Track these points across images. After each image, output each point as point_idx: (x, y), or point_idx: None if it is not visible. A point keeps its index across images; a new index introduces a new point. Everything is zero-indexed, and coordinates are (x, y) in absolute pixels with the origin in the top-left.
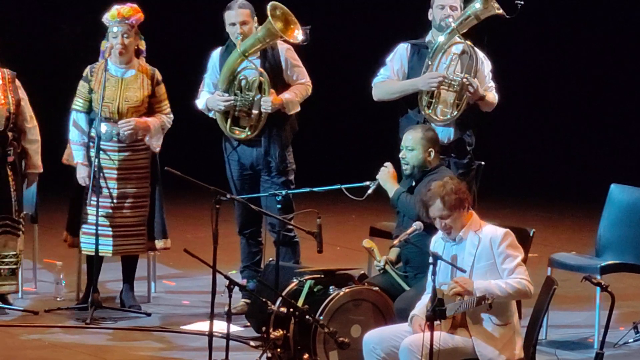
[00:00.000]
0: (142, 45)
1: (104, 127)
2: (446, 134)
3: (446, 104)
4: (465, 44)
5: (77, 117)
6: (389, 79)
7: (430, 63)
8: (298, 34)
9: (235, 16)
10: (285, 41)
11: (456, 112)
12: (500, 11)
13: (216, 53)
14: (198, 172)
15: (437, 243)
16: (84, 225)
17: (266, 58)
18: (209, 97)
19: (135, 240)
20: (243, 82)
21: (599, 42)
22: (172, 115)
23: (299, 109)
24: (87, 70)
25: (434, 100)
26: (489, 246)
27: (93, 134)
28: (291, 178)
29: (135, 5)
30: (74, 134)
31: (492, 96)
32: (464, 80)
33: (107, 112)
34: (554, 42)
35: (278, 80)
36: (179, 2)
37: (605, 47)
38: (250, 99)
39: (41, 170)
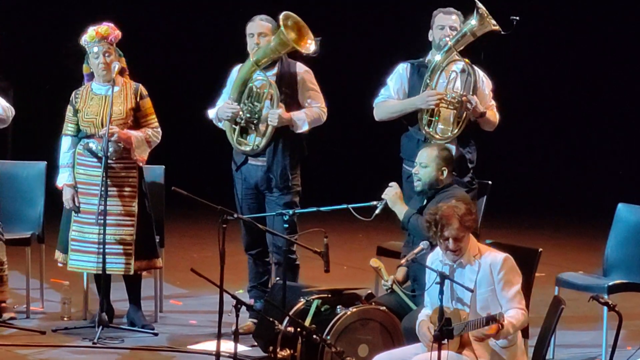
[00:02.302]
0: (123, 62)
1: (91, 144)
2: None
3: (446, 121)
4: (464, 61)
5: (64, 141)
6: (389, 98)
7: (428, 82)
8: (310, 45)
9: (255, 27)
10: (297, 51)
11: (457, 130)
12: (497, 27)
13: (235, 69)
14: (206, 190)
15: (434, 265)
16: (70, 242)
17: (282, 77)
18: (219, 107)
19: (119, 259)
20: (252, 92)
21: (608, 62)
22: (159, 130)
23: (306, 129)
24: (72, 95)
25: (434, 119)
26: (489, 272)
27: (80, 150)
28: (295, 200)
29: (111, 24)
30: (61, 158)
31: (493, 114)
32: (463, 97)
33: (92, 127)
34: (562, 62)
35: (291, 100)
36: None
37: (614, 67)
38: (257, 109)
39: None
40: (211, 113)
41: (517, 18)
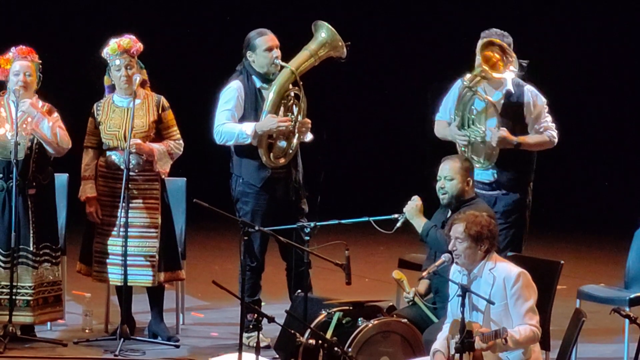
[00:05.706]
0: (144, 75)
1: (113, 157)
2: (488, 176)
3: (478, 153)
4: (485, 99)
5: (86, 153)
6: (443, 119)
7: (452, 116)
8: (344, 50)
9: (273, 40)
10: (332, 56)
11: (491, 159)
12: (499, 77)
13: (237, 85)
14: (227, 202)
15: (454, 275)
16: (96, 254)
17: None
18: (259, 122)
19: (144, 270)
20: (288, 104)
21: (634, 75)
22: (181, 142)
23: (311, 138)
24: (94, 107)
25: (466, 150)
26: (503, 286)
27: (102, 162)
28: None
29: (133, 36)
30: (83, 170)
31: (537, 138)
32: (491, 135)
33: (115, 140)
34: (587, 74)
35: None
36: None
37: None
38: (297, 121)
39: None
40: (229, 129)
41: (527, 61)
